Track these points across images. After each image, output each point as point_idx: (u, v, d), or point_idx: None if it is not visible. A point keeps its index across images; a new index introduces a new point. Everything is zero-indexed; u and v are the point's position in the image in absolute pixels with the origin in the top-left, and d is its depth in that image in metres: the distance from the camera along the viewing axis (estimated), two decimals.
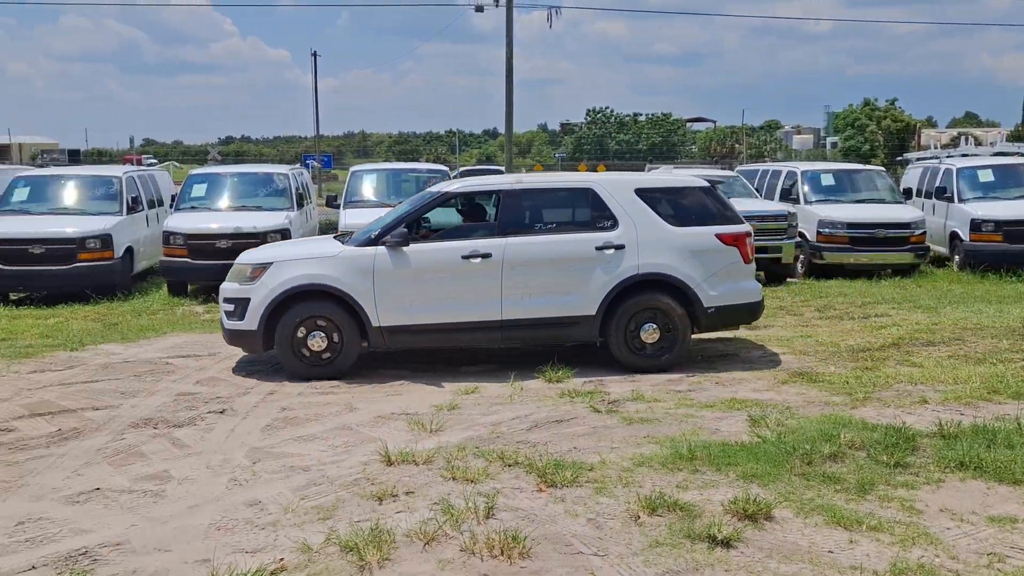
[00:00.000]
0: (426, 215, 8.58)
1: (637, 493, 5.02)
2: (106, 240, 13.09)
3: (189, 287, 13.92)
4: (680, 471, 5.43)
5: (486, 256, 8.08)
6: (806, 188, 15.98)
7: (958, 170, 15.95)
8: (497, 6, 31.60)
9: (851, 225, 14.84)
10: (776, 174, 17.18)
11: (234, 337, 8.41)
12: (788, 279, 14.78)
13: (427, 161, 55.15)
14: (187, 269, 13.31)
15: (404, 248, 8.08)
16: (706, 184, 8.74)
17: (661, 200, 8.47)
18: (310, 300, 8.10)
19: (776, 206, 15.13)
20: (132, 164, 40.67)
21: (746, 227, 8.63)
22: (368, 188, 15.52)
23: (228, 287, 8.44)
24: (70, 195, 14.43)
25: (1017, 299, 12.08)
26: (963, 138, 40.36)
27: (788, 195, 16.19)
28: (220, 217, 13.91)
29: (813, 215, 15.19)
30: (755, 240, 13.91)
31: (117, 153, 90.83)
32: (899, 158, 34.89)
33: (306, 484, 5.39)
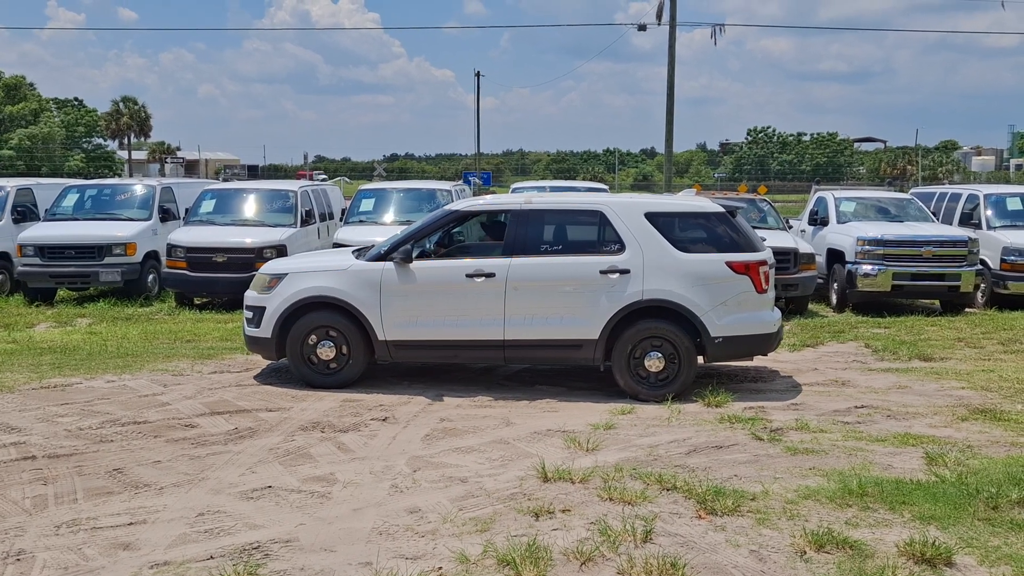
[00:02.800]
0: (436, 233, 8.62)
1: (803, 527, 4.82)
2: (281, 250, 13.80)
3: None
4: (849, 507, 5.17)
5: (489, 275, 8.01)
6: (989, 212, 14.96)
7: None
8: (660, 24, 31.40)
9: None
10: (955, 197, 16.18)
11: (252, 344, 8.72)
12: (967, 309, 13.89)
13: (584, 179, 55.41)
14: None
15: (409, 264, 8.15)
16: (721, 210, 8.26)
17: (672, 225, 8.14)
18: (320, 311, 8.30)
19: (955, 231, 14.26)
20: (305, 179, 42.89)
21: (761, 255, 8.12)
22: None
23: (249, 295, 8.75)
24: (250, 207, 15.35)
25: None
26: None
27: (968, 220, 15.20)
28: (385, 231, 14.40)
29: (997, 241, 14.20)
30: (931, 267, 13.39)
31: (291, 169, 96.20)
32: None
33: (464, 495, 5.47)
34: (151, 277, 15.15)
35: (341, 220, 16.27)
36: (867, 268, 13.45)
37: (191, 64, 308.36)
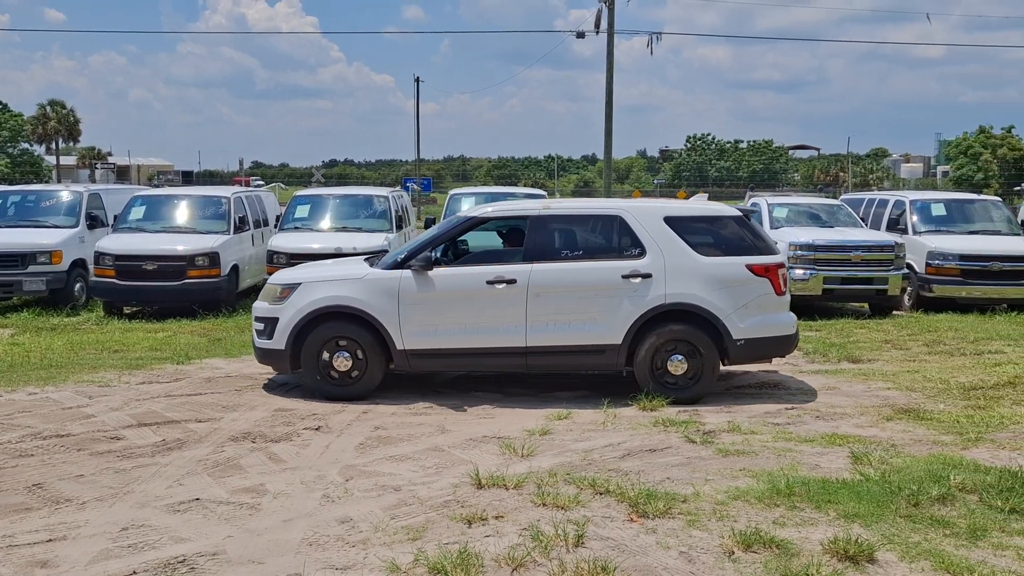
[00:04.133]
0: (453, 240, 8.59)
1: (732, 527, 4.88)
2: (214, 258, 13.58)
3: None
4: (777, 507, 5.25)
5: (511, 282, 7.99)
6: (915, 218, 15.41)
7: None
8: (598, 33, 31.69)
9: (964, 257, 14.22)
10: (883, 203, 16.63)
11: (264, 356, 8.52)
12: (894, 312, 14.27)
13: (525, 186, 55.46)
14: None
15: (428, 272, 8.08)
16: (738, 213, 8.44)
17: (691, 229, 8.23)
18: (336, 321, 8.15)
19: (882, 236, 14.66)
20: (241, 185, 42.20)
21: (779, 258, 8.33)
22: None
23: (259, 306, 8.57)
24: (182, 214, 15.06)
25: None
26: None
27: (895, 225, 15.64)
28: (321, 238, 14.25)
29: (922, 246, 14.63)
30: (859, 271, 13.73)
31: (227, 175, 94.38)
32: (1017, 188, 33.38)
33: (397, 504, 5.42)
34: (78, 286, 14.76)
35: (276, 226, 16.05)
36: (799, 272, 13.72)
37: (122, 67, 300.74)
